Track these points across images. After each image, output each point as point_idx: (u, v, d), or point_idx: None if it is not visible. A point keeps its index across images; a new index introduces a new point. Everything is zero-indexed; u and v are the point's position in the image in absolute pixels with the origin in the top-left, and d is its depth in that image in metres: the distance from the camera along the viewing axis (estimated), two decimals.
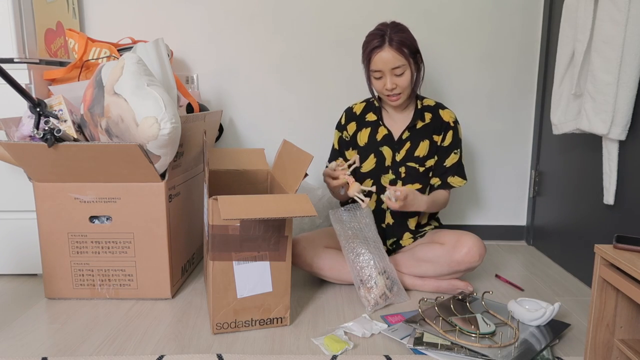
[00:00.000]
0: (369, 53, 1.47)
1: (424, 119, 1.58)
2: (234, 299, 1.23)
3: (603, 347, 1.04)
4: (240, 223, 1.20)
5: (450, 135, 1.57)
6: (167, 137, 1.24)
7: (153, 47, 1.54)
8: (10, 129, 1.40)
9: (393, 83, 1.47)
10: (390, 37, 1.44)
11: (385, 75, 1.47)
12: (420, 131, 1.57)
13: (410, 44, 1.45)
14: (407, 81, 1.47)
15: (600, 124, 1.36)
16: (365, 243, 1.47)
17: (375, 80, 1.50)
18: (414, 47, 1.47)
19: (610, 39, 1.30)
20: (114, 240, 1.41)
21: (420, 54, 1.51)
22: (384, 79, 1.48)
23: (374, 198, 1.61)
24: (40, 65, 1.58)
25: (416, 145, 1.57)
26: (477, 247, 1.43)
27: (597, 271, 1.01)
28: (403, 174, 1.57)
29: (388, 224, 1.61)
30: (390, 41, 1.43)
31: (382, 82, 1.48)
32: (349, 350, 1.17)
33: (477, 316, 1.29)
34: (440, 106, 1.60)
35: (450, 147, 1.57)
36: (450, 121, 1.57)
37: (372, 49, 1.46)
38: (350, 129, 1.63)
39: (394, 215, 1.60)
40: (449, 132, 1.57)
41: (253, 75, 2.01)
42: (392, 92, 1.49)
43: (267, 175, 1.68)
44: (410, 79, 1.48)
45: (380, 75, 1.48)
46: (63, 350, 1.17)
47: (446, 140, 1.57)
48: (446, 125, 1.57)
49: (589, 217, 1.60)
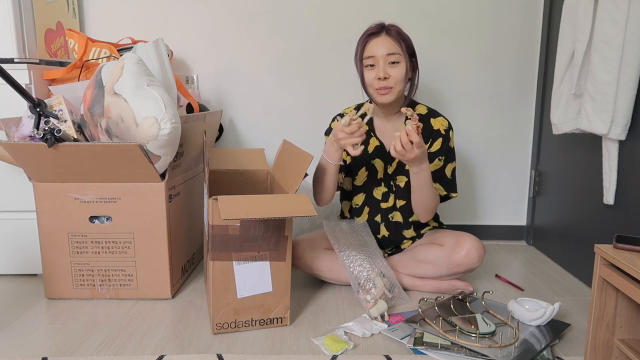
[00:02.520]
0: (365, 39, 1.42)
1: None
2: (234, 299, 1.23)
3: (603, 347, 1.03)
4: (240, 223, 1.20)
5: (439, 142, 1.47)
6: (167, 137, 1.24)
7: (153, 47, 1.54)
8: (10, 129, 1.40)
9: (386, 72, 1.39)
10: (388, 28, 1.42)
11: (378, 63, 1.39)
12: None
13: (407, 40, 1.43)
14: (400, 74, 1.40)
15: (600, 124, 1.36)
16: (361, 248, 1.48)
17: (367, 71, 1.42)
18: (411, 45, 1.44)
19: (610, 39, 1.30)
20: (114, 240, 1.41)
21: (416, 58, 1.47)
22: (376, 68, 1.40)
23: (365, 211, 1.56)
24: (40, 65, 1.58)
25: None
26: (476, 249, 1.42)
27: (597, 271, 1.01)
28: (395, 187, 1.53)
29: (384, 236, 1.57)
30: (388, 30, 1.41)
31: (375, 71, 1.40)
32: (349, 350, 1.17)
33: (477, 316, 1.29)
34: (432, 114, 1.50)
35: (436, 153, 1.47)
36: (441, 129, 1.47)
37: (368, 34, 1.42)
38: None
39: (389, 227, 1.56)
40: (438, 139, 1.47)
41: (253, 75, 2.01)
42: (384, 82, 1.39)
43: (267, 175, 1.68)
44: (404, 74, 1.40)
45: (372, 63, 1.40)
46: (63, 350, 1.17)
47: (433, 147, 1.47)
48: (435, 133, 1.47)
49: (589, 217, 1.60)
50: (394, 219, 1.56)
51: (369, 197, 1.56)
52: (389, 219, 1.56)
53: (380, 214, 1.56)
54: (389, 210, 1.55)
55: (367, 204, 1.57)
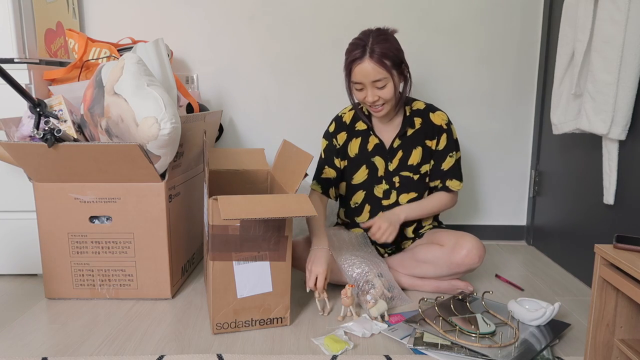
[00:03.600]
0: (350, 64, 1.40)
1: (413, 126, 1.53)
2: (234, 299, 1.23)
3: (603, 347, 1.03)
4: (240, 223, 1.20)
5: (445, 138, 1.52)
6: (167, 137, 1.24)
7: (153, 47, 1.54)
8: (10, 129, 1.40)
9: (375, 95, 1.40)
10: (371, 49, 1.35)
11: (366, 88, 1.40)
12: (411, 138, 1.53)
13: (393, 55, 1.37)
14: (389, 94, 1.40)
15: (600, 124, 1.36)
16: (358, 252, 1.48)
17: (357, 92, 1.44)
18: (397, 58, 1.38)
19: (610, 39, 1.30)
20: (114, 240, 1.41)
21: (406, 64, 1.44)
22: (365, 91, 1.41)
23: (366, 209, 1.57)
24: (40, 66, 1.58)
25: (409, 153, 1.52)
26: (476, 249, 1.42)
27: (597, 271, 1.01)
28: (397, 184, 1.54)
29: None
30: (372, 52, 1.35)
31: (364, 93, 1.42)
32: (349, 350, 1.17)
33: (477, 316, 1.29)
34: (431, 109, 1.54)
35: (446, 150, 1.52)
36: (443, 124, 1.51)
37: (352, 60, 1.38)
38: (340, 138, 1.57)
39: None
40: (443, 135, 1.52)
41: (253, 75, 2.01)
42: (375, 104, 1.43)
43: (267, 175, 1.68)
44: (393, 92, 1.40)
45: (361, 87, 1.41)
46: (63, 350, 1.17)
47: (440, 144, 1.52)
48: (438, 129, 1.51)
49: (589, 217, 1.60)
50: None
51: (370, 195, 1.57)
52: None
53: (381, 212, 1.56)
54: (391, 207, 1.55)
55: (368, 201, 1.57)
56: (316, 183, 1.59)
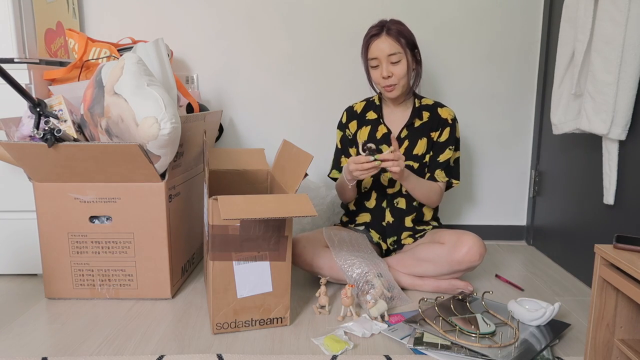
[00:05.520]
0: (367, 41, 1.53)
1: (421, 117, 1.60)
2: (234, 299, 1.23)
3: (603, 347, 1.03)
4: (240, 223, 1.20)
5: (447, 131, 1.59)
6: (167, 137, 1.24)
7: (153, 47, 1.54)
8: (10, 129, 1.40)
9: (389, 71, 1.50)
10: (388, 27, 1.50)
11: (381, 63, 1.51)
12: (418, 130, 1.60)
13: (407, 35, 1.51)
14: (402, 71, 1.50)
15: (600, 124, 1.36)
16: (358, 252, 1.49)
17: (373, 70, 1.54)
18: (411, 40, 1.52)
19: (610, 39, 1.30)
20: (114, 240, 1.41)
21: (418, 50, 1.55)
22: (380, 68, 1.51)
23: (373, 196, 1.62)
24: (40, 65, 1.58)
25: (414, 143, 1.59)
26: (477, 247, 1.43)
27: (597, 271, 1.01)
28: None
29: (388, 222, 1.62)
30: (388, 30, 1.49)
31: (379, 70, 1.52)
32: (349, 350, 1.17)
33: (477, 316, 1.29)
34: (439, 105, 1.63)
35: (446, 143, 1.59)
36: (449, 118, 1.60)
37: (370, 36, 1.52)
38: (352, 127, 1.66)
39: (394, 213, 1.61)
40: (446, 128, 1.59)
41: (253, 75, 2.01)
42: (388, 81, 1.51)
43: (267, 175, 1.68)
44: (406, 70, 1.51)
45: (376, 64, 1.52)
46: (63, 350, 1.17)
47: (442, 137, 1.59)
48: (444, 122, 1.59)
49: (589, 217, 1.60)
50: (399, 205, 1.62)
51: (376, 181, 1.62)
52: (394, 204, 1.62)
53: (386, 200, 1.63)
54: (395, 195, 1.62)
55: (374, 188, 1.63)
56: (336, 172, 1.69)
